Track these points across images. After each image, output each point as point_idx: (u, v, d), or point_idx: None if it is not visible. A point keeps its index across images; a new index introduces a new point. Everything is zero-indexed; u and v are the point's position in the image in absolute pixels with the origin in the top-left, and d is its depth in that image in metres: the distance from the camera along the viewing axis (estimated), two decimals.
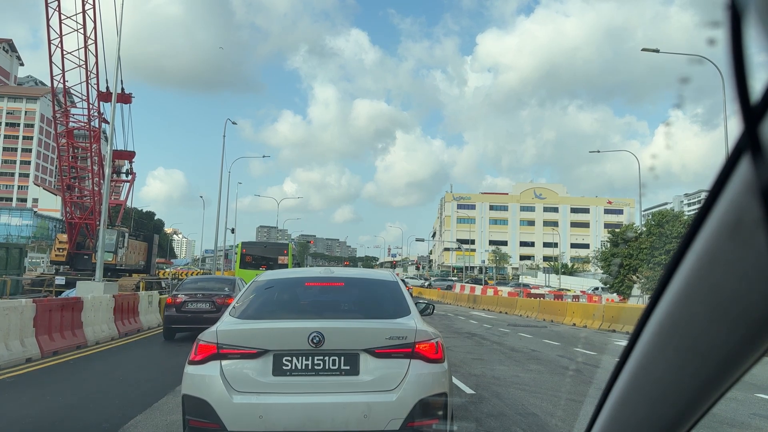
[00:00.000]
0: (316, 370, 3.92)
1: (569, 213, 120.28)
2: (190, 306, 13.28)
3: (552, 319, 24.16)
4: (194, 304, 13.29)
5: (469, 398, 7.50)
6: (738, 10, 0.58)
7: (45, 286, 28.13)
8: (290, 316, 4.50)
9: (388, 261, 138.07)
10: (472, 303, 35.82)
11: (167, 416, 6.33)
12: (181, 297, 13.42)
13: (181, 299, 13.35)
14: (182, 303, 13.30)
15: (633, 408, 0.92)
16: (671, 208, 79.36)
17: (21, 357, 9.85)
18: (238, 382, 3.88)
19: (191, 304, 13.29)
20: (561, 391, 8.31)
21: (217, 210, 44.27)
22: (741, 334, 0.70)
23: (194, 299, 13.35)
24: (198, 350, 4.03)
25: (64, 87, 29.05)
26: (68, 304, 12.27)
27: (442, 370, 4.07)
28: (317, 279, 5.20)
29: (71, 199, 31.07)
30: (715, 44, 0.61)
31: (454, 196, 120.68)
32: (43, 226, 78.84)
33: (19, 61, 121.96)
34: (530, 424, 6.22)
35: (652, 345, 0.84)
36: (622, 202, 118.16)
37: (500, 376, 9.49)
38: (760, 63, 0.58)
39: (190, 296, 13.44)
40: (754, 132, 0.59)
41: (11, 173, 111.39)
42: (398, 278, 5.29)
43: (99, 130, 30.73)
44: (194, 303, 13.29)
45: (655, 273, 35.44)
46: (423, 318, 4.62)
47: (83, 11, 28.04)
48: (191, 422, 3.93)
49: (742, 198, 0.63)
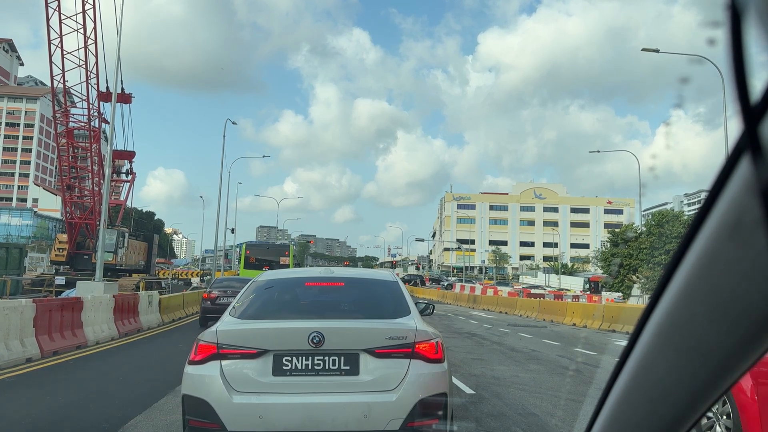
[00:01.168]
0: (316, 370, 3.92)
1: (569, 213, 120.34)
2: (221, 300, 15.86)
3: (552, 319, 24.16)
4: (224, 298, 15.76)
5: (469, 398, 7.50)
6: (738, 10, 0.58)
7: (45, 286, 28.13)
8: (290, 316, 4.50)
9: (388, 261, 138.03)
10: (472, 303, 35.84)
11: (167, 416, 6.33)
12: (215, 293, 16.75)
13: (215, 294, 16.59)
14: (216, 297, 16.38)
15: (633, 408, 0.92)
16: (671, 208, 79.48)
17: (21, 357, 9.85)
18: (238, 382, 3.88)
19: (222, 299, 15.95)
20: (561, 391, 8.31)
21: (217, 210, 44.34)
22: (741, 334, 0.70)
23: (225, 295, 16.07)
24: (198, 350, 4.03)
25: (64, 87, 29.05)
26: (68, 304, 12.27)
27: (442, 370, 4.07)
28: (317, 279, 5.20)
29: (71, 199, 31.07)
30: (715, 44, 0.61)
31: (454, 196, 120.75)
32: (43, 226, 78.85)
33: (19, 61, 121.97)
34: (530, 424, 6.22)
35: (652, 345, 0.84)
36: (622, 202, 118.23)
37: (500, 376, 9.49)
38: (760, 63, 0.58)
39: (221, 292, 16.56)
40: (754, 132, 0.59)
41: (11, 173, 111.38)
42: (398, 278, 5.30)
43: (99, 130, 30.73)
44: (225, 298, 15.82)
45: (655, 273, 35.47)
46: (423, 318, 4.62)
47: (83, 11, 28.04)
48: (191, 422, 3.93)
49: (742, 198, 0.63)
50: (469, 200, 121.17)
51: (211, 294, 16.88)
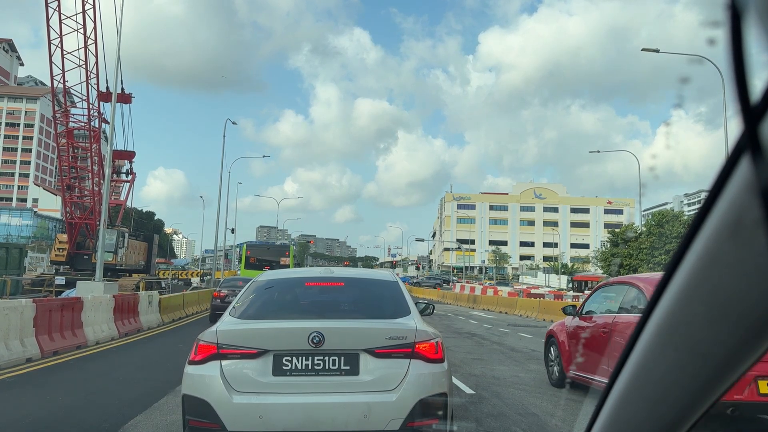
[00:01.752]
0: (316, 370, 3.92)
1: (569, 213, 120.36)
2: (230, 299, 16.34)
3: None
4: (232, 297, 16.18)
5: (469, 398, 7.50)
6: (738, 10, 0.58)
7: (45, 286, 28.12)
8: (290, 316, 4.50)
9: (388, 261, 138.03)
10: (472, 303, 35.83)
11: (167, 416, 6.32)
12: (224, 292, 17.87)
13: (224, 293, 17.67)
14: (225, 296, 17.37)
15: (633, 408, 0.92)
16: (671, 208, 79.46)
17: (21, 357, 9.85)
18: (238, 382, 3.88)
19: (230, 297, 16.59)
20: (561, 391, 8.31)
21: (217, 210, 44.39)
22: (741, 334, 0.70)
23: (233, 294, 16.49)
24: (198, 350, 4.03)
25: (64, 87, 29.03)
26: (68, 304, 12.27)
27: (442, 370, 4.07)
28: (317, 279, 5.20)
29: (71, 199, 31.06)
30: (715, 44, 0.61)
31: (454, 196, 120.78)
32: (43, 226, 78.83)
33: (19, 61, 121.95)
34: (530, 424, 6.22)
35: (652, 345, 0.84)
36: (622, 202, 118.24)
37: (500, 376, 9.49)
38: (760, 63, 0.58)
39: (230, 291, 17.55)
40: (754, 132, 0.59)
41: (11, 173, 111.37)
42: (398, 278, 5.30)
43: (99, 130, 30.71)
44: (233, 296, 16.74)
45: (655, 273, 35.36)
46: (423, 318, 4.62)
47: (83, 11, 28.02)
48: (191, 422, 3.93)
49: (742, 198, 0.63)
50: (469, 200, 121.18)
51: (220, 293, 18.14)
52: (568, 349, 8.32)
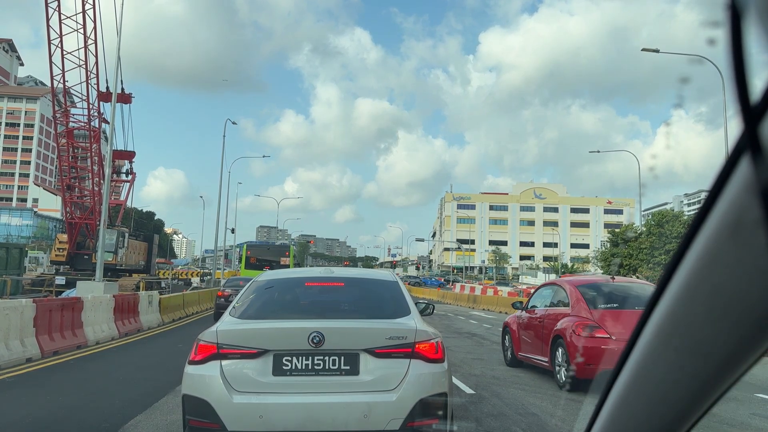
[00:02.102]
0: (316, 370, 3.92)
1: (569, 213, 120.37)
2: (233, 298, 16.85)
3: None
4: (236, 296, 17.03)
5: (469, 398, 7.50)
6: (738, 10, 0.58)
7: (45, 286, 28.12)
8: (290, 316, 4.50)
9: (388, 261, 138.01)
10: (472, 303, 35.82)
11: (167, 416, 6.33)
12: (228, 291, 18.20)
13: (228, 293, 17.82)
14: (228, 296, 17.36)
15: (633, 408, 0.92)
16: (671, 208, 79.46)
17: (21, 357, 9.85)
18: (238, 382, 3.88)
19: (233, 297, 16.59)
20: (561, 391, 8.31)
21: (217, 210, 44.42)
22: (741, 334, 0.70)
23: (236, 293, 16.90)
24: (198, 350, 4.03)
25: (64, 87, 29.03)
26: (68, 304, 12.27)
27: (442, 370, 4.07)
28: (317, 279, 5.20)
29: (71, 199, 31.06)
30: (715, 44, 0.61)
31: (454, 196, 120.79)
32: (43, 226, 78.90)
33: (19, 61, 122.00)
34: (530, 424, 6.22)
35: (652, 345, 0.84)
36: (622, 202, 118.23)
37: (500, 376, 9.50)
38: (760, 63, 0.58)
39: (233, 290, 17.39)
40: (754, 132, 0.59)
41: (11, 173, 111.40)
42: (398, 278, 5.30)
43: (99, 130, 30.71)
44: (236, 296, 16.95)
45: (655, 273, 35.45)
46: (423, 318, 4.62)
47: (83, 11, 28.01)
48: (191, 422, 3.93)
49: (742, 198, 0.63)
50: (469, 200, 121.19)
51: (224, 292, 18.61)
52: (517, 337, 10.25)
